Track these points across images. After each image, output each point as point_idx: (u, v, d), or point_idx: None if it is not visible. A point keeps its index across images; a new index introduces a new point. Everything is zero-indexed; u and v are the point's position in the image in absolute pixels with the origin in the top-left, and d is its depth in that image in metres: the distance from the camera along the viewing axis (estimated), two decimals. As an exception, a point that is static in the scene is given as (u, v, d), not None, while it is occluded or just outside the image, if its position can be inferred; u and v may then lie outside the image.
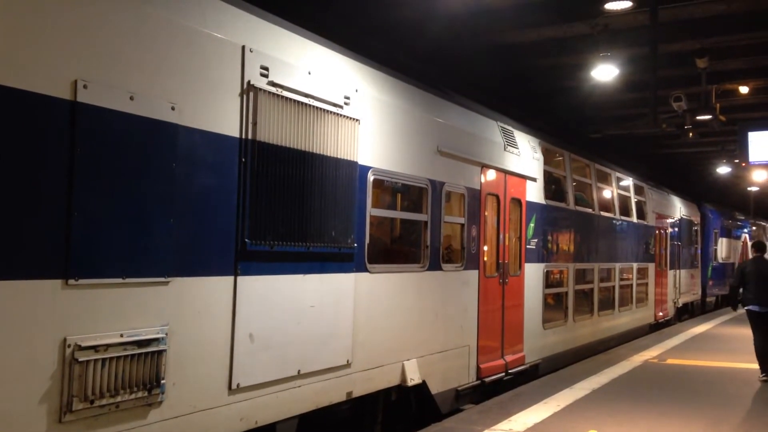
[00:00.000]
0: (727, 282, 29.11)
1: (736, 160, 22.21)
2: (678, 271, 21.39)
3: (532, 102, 17.35)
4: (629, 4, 11.75)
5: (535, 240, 11.36)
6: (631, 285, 16.85)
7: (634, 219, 17.17)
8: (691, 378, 10.79)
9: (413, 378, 7.75)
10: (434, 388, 8.26)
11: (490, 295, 9.81)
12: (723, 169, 28.83)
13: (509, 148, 10.50)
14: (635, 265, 17.04)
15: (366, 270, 6.98)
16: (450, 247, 9.19)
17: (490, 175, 9.86)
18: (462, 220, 9.08)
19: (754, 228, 37.44)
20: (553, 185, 12.54)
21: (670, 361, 12.36)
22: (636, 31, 13.00)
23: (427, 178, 8.19)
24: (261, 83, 5.57)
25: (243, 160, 5.40)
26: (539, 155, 11.67)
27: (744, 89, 16.74)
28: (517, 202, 10.83)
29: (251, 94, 5.47)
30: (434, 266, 8.34)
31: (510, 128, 10.80)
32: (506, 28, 13.22)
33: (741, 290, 11.22)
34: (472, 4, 11.82)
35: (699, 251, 25.36)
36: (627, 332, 16.30)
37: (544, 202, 11.78)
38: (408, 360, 7.73)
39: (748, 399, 9.43)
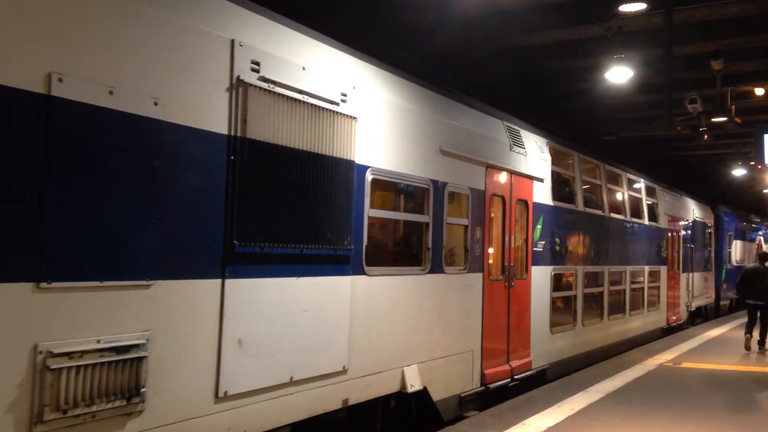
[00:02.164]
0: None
1: (752, 162, 22.53)
2: (691, 274, 21.01)
3: (546, 105, 17.29)
4: (643, 6, 11.70)
5: (543, 242, 11.08)
6: (643, 288, 16.51)
7: (646, 221, 16.84)
8: (706, 382, 10.66)
9: (413, 384, 7.51)
10: (436, 395, 8.02)
11: (495, 299, 9.55)
12: (738, 172, 28.47)
13: (515, 147, 10.24)
14: (647, 268, 16.70)
15: (364, 273, 6.75)
16: (453, 249, 8.95)
17: (495, 175, 9.60)
18: (465, 222, 8.83)
19: None
20: (561, 186, 12.25)
21: (685, 364, 12.24)
22: (650, 33, 12.95)
23: (428, 178, 7.96)
24: (251, 79, 5.36)
25: (232, 158, 5.19)
26: (547, 155, 11.40)
27: (759, 91, 16.61)
28: (524, 203, 10.56)
29: (241, 90, 5.27)
30: (436, 269, 8.10)
31: (516, 128, 10.54)
32: (519, 31, 13.17)
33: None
34: (485, 6, 11.75)
35: (713, 254, 24.93)
36: (638, 336, 15.97)
37: (552, 204, 11.50)
38: (408, 366, 7.50)
39: (764, 403, 9.28)
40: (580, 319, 12.59)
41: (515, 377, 9.90)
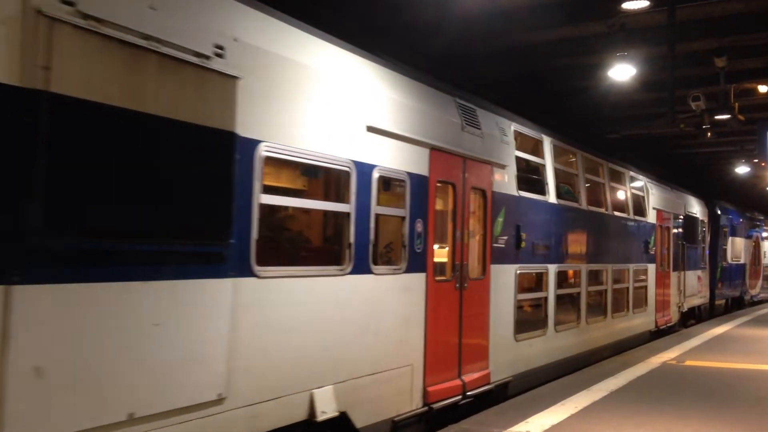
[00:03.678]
0: (738, 284, 27.88)
1: (755, 160, 23.23)
2: (683, 272, 19.63)
3: (549, 102, 17.21)
4: (646, 3, 11.65)
5: (505, 237, 9.70)
6: (627, 288, 15.13)
7: (631, 215, 15.45)
8: (710, 380, 10.56)
9: (326, 410, 6.12)
10: (360, 420, 6.63)
11: (443, 303, 8.17)
12: (742, 169, 28.42)
13: (469, 128, 8.85)
14: (632, 267, 15.32)
15: (252, 274, 5.37)
16: (387, 245, 7.59)
17: (443, 159, 8.22)
18: (403, 213, 7.45)
19: None
20: (529, 175, 10.88)
21: (688, 362, 12.13)
22: (653, 30, 12.99)
23: (350, 160, 6.57)
24: (59, 12, 3.97)
25: (24, 118, 3.80)
26: (510, 139, 10.01)
27: (763, 88, 16.66)
28: (481, 192, 9.18)
29: (41, 27, 3.87)
30: (361, 268, 6.71)
31: (471, 106, 9.15)
32: (522, 29, 13.24)
33: None
34: (487, 5, 11.76)
35: (707, 251, 23.54)
36: (622, 341, 14.59)
37: (517, 194, 10.12)
38: (320, 388, 6.11)
39: None
40: (551, 324, 11.22)
41: (468, 393, 8.52)
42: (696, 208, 21.62)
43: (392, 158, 7.25)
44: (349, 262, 6.54)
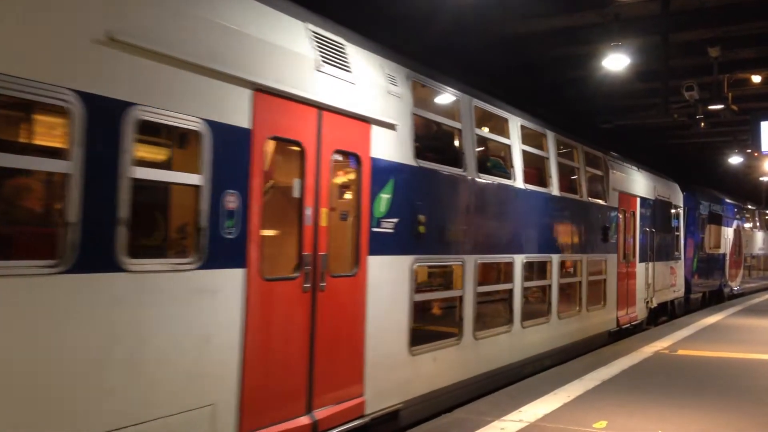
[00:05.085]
0: (717, 276, 25.93)
1: (748, 150, 22.92)
2: (651, 264, 17.31)
3: (543, 93, 17.21)
4: None
5: (393, 221, 7.28)
6: (579, 283, 12.80)
7: (585, 197, 13.09)
8: (702, 369, 10.55)
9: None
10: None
11: (278, 311, 5.76)
12: (735, 159, 28.24)
13: (330, 68, 6.40)
14: (585, 258, 12.97)
15: None
16: (185, 228, 5.18)
17: (279, 107, 5.77)
18: (198, 180, 5.00)
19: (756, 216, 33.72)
20: (436, 141, 8.47)
21: (681, 352, 12.10)
22: (647, 20, 13.15)
23: (69, 89, 4.11)
24: None
25: None
26: (403, 90, 7.57)
27: (756, 78, 16.62)
28: (353, 158, 6.76)
29: None
30: (97, 263, 4.27)
31: (336, 39, 6.68)
32: (516, 19, 13.38)
33: None
34: None
35: (682, 240, 21.23)
36: (573, 344, 12.29)
37: (414, 164, 7.70)
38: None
39: (761, 390, 8.95)
40: (469, 330, 8.81)
41: (324, 435, 6.13)
42: (670, 192, 19.33)
43: (173, 96, 4.80)
44: (68, 254, 4.09)
